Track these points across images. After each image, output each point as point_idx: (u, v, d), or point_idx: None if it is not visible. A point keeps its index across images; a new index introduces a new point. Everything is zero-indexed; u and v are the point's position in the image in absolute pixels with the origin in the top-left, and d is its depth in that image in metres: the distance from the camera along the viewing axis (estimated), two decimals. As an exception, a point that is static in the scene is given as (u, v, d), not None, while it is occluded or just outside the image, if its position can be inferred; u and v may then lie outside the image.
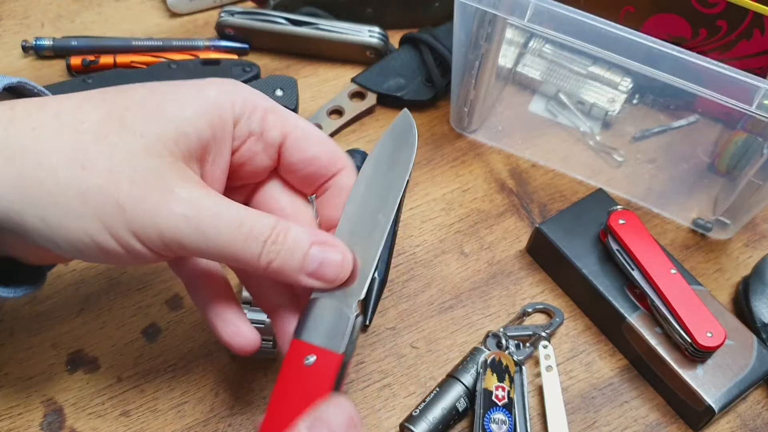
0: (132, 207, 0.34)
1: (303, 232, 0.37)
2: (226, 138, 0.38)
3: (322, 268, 0.37)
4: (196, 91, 0.37)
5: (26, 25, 0.67)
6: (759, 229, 0.61)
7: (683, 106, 0.61)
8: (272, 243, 0.36)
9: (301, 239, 0.36)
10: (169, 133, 0.35)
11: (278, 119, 0.39)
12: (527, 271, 0.56)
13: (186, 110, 0.36)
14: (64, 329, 0.51)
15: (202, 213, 0.35)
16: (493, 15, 0.53)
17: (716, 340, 0.48)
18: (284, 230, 0.36)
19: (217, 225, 0.35)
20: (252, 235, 0.35)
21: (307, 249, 0.36)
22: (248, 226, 0.35)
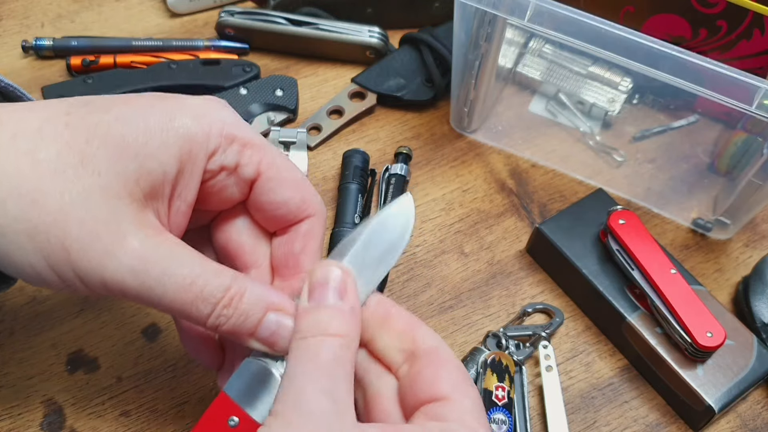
0: (77, 251, 0.33)
1: (259, 296, 0.35)
2: (196, 172, 0.36)
3: (274, 336, 0.35)
4: (169, 119, 0.35)
5: (26, 25, 0.67)
6: (759, 229, 0.61)
7: (683, 106, 0.61)
8: (224, 307, 0.34)
9: (256, 304, 0.35)
10: (130, 171, 0.34)
11: (255, 155, 0.37)
12: (527, 271, 0.56)
13: (152, 144, 0.34)
14: (64, 329, 0.51)
15: (151, 268, 0.33)
16: (493, 15, 0.53)
17: (716, 340, 0.48)
18: (239, 294, 0.34)
19: (165, 283, 0.33)
20: (202, 296, 0.34)
21: (261, 316, 0.35)
22: (199, 286, 0.34)
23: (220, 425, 0.34)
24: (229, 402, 0.35)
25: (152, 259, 0.33)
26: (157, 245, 0.34)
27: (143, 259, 0.33)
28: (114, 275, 0.33)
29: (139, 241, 0.33)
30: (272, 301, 0.35)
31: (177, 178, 0.35)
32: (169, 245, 0.34)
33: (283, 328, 0.35)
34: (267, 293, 0.35)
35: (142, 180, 0.34)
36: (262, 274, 0.40)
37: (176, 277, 0.33)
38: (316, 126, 0.62)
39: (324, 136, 0.62)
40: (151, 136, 0.34)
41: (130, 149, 0.34)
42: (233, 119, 0.38)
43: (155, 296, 0.33)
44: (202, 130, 0.36)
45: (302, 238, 0.39)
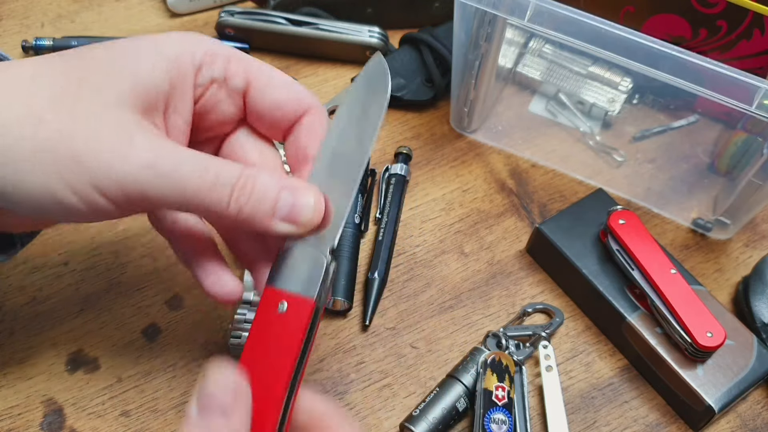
0: (91, 159, 0.33)
1: (271, 177, 0.36)
2: (187, 88, 0.38)
3: (295, 211, 0.35)
4: (154, 44, 0.37)
5: (26, 25, 0.67)
6: (759, 229, 0.61)
7: (683, 106, 0.61)
8: (241, 188, 0.35)
9: (269, 185, 0.35)
10: (126, 87, 0.35)
11: (241, 66, 0.39)
12: (527, 271, 0.56)
13: (143, 64, 0.36)
14: (64, 329, 0.51)
15: (165, 160, 0.34)
16: (493, 15, 0.53)
17: (716, 340, 0.48)
18: (252, 177, 0.35)
19: (181, 172, 0.34)
20: (219, 182, 0.34)
21: (276, 194, 0.35)
22: (214, 172, 0.34)
23: (271, 317, 0.35)
24: (273, 292, 0.35)
25: (165, 153, 0.34)
26: (166, 144, 0.35)
27: (156, 154, 0.34)
28: (129, 175, 0.33)
29: (147, 140, 0.34)
30: (284, 181, 0.36)
31: (170, 93, 0.37)
32: (175, 144, 0.35)
33: (299, 200, 0.35)
34: (278, 176, 0.36)
35: (139, 95, 0.35)
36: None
37: (191, 166, 0.34)
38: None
39: (324, 136, 0.62)
40: (141, 59, 0.36)
41: (123, 71, 0.35)
42: (215, 41, 0.39)
43: (176, 189, 0.34)
44: (187, 49, 0.38)
45: (306, 133, 0.40)
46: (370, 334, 0.52)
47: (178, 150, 0.35)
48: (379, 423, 0.49)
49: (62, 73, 0.35)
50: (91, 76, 0.35)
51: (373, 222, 0.58)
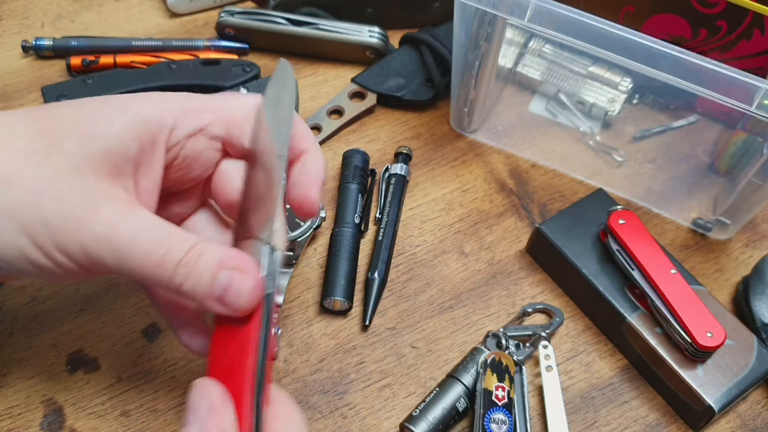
0: (57, 224, 0.35)
1: (215, 256, 0.36)
2: (157, 151, 0.38)
3: (228, 295, 0.35)
4: (122, 107, 0.38)
5: (26, 25, 0.67)
6: (759, 229, 0.61)
7: (683, 106, 0.61)
8: (183, 266, 0.35)
9: (210, 264, 0.36)
10: (94, 151, 0.36)
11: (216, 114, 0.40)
12: (527, 271, 0.56)
13: (111, 127, 0.37)
14: (64, 329, 0.51)
15: (120, 235, 0.35)
16: (493, 15, 0.53)
17: (716, 340, 0.48)
18: (198, 253, 0.36)
19: (132, 248, 0.35)
20: (166, 259, 0.35)
21: (214, 274, 0.36)
22: (164, 249, 0.35)
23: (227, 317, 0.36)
24: None
25: (121, 227, 0.35)
26: (126, 214, 0.36)
27: (113, 227, 0.35)
28: (89, 244, 0.35)
29: (109, 210, 0.35)
30: (226, 259, 0.36)
31: (139, 157, 0.37)
32: (137, 214, 0.36)
33: (234, 283, 0.35)
34: (224, 252, 0.36)
35: (107, 159, 0.36)
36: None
37: (142, 242, 0.35)
38: (316, 126, 0.62)
39: (324, 136, 0.62)
40: (111, 121, 0.37)
41: (93, 134, 0.36)
42: (186, 97, 0.40)
43: (126, 262, 0.35)
44: (157, 110, 0.38)
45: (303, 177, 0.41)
46: (370, 334, 0.52)
47: (137, 223, 0.36)
48: (379, 423, 0.49)
49: (34, 133, 0.36)
50: (60, 138, 0.36)
51: (373, 222, 0.58)
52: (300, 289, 0.54)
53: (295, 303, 0.53)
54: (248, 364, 0.34)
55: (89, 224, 0.35)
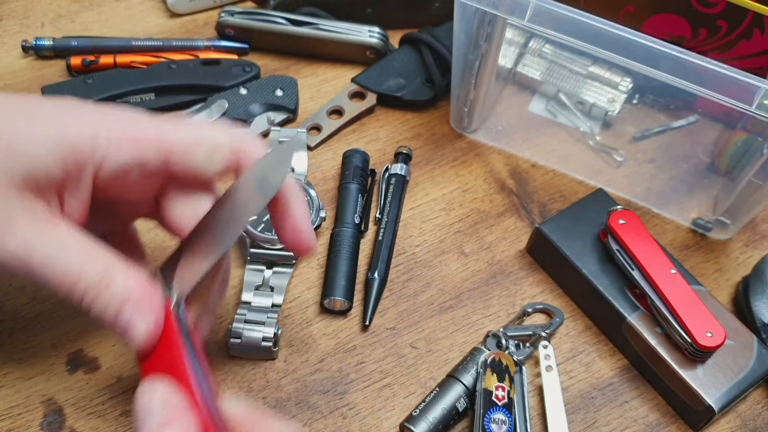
0: None
1: (122, 288, 0.36)
2: (84, 177, 0.38)
3: (128, 331, 0.36)
4: (52, 127, 0.37)
5: (26, 25, 0.67)
6: (759, 229, 0.61)
7: (683, 106, 0.61)
8: (92, 295, 0.36)
9: (116, 297, 0.36)
10: (17, 170, 0.36)
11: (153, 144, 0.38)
12: (527, 271, 0.56)
13: (37, 149, 0.36)
14: (65, 329, 0.51)
15: (34, 255, 0.35)
16: (493, 15, 0.53)
17: (716, 340, 0.48)
18: (107, 283, 0.36)
19: (45, 270, 0.36)
20: (76, 286, 0.36)
21: (119, 309, 0.36)
22: (75, 275, 0.36)
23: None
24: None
25: (37, 247, 0.36)
26: (43, 234, 0.36)
27: (28, 246, 0.35)
28: (5, 259, 0.35)
29: (26, 229, 0.36)
30: (131, 295, 0.36)
31: (64, 181, 0.37)
32: (55, 234, 0.36)
33: (134, 323, 0.36)
34: (131, 286, 0.36)
35: (29, 180, 0.36)
36: None
37: (56, 266, 0.36)
38: (316, 126, 0.62)
39: (324, 136, 0.62)
40: (38, 143, 0.36)
41: (17, 154, 0.36)
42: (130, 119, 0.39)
43: (40, 281, 0.36)
44: (89, 136, 0.37)
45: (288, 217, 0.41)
46: (370, 334, 0.52)
47: (53, 244, 0.36)
48: (379, 423, 0.49)
49: None
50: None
51: (373, 222, 0.58)
52: (300, 289, 0.54)
53: (295, 303, 0.53)
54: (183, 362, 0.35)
55: (4, 242, 0.35)
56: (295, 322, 0.52)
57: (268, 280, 0.52)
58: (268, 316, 0.50)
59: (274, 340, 0.49)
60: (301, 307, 0.53)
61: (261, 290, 0.52)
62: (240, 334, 0.49)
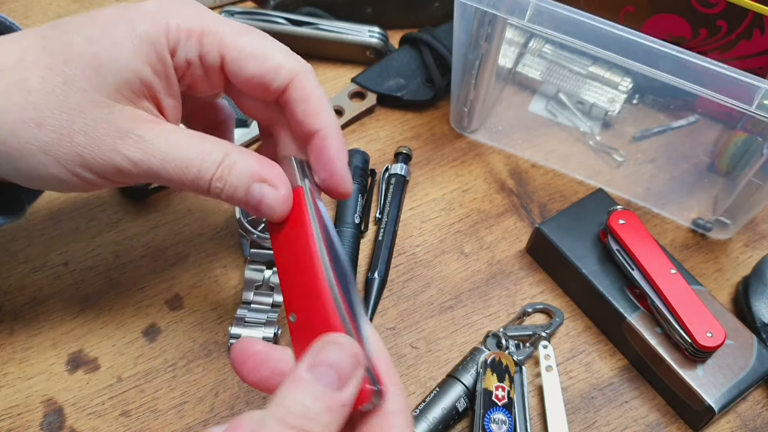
0: (91, 156, 0.37)
1: (246, 168, 0.38)
2: (169, 71, 0.39)
3: (260, 204, 0.39)
4: (131, 29, 0.38)
5: (26, 25, 0.67)
6: (759, 229, 0.61)
7: (683, 106, 0.61)
8: (217, 180, 0.38)
9: (243, 177, 0.38)
10: (110, 84, 0.37)
11: (214, 41, 0.39)
12: (527, 271, 0.56)
13: (122, 57, 0.37)
14: (64, 329, 0.51)
15: (151, 158, 0.38)
16: (493, 15, 0.53)
17: (716, 340, 0.48)
18: (229, 167, 0.38)
19: (166, 168, 0.38)
20: (199, 176, 0.38)
21: (248, 186, 0.38)
22: (196, 166, 0.38)
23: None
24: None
25: (151, 151, 0.38)
26: (154, 137, 0.38)
27: (144, 152, 0.38)
28: (123, 166, 0.38)
29: (137, 135, 0.38)
30: (257, 173, 0.38)
31: (154, 79, 0.39)
32: (165, 135, 0.38)
33: (266, 196, 0.38)
34: (254, 166, 0.39)
35: (123, 89, 0.38)
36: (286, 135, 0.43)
37: (175, 162, 0.38)
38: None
39: (324, 136, 0.62)
40: (120, 50, 0.38)
41: (104, 66, 0.37)
42: (190, 12, 0.40)
43: (164, 179, 0.38)
44: (161, 28, 0.38)
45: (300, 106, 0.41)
46: (370, 334, 0.52)
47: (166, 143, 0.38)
48: (379, 423, 0.49)
49: (48, 67, 0.37)
50: (74, 73, 0.37)
51: (373, 222, 0.58)
52: (300, 289, 0.54)
53: (295, 303, 0.53)
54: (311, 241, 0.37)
55: (121, 151, 0.37)
56: (295, 322, 0.52)
57: (268, 279, 0.52)
58: (268, 316, 0.50)
59: (275, 340, 0.49)
60: (302, 306, 0.53)
61: (261, 290, 0.52)
62: (240, 335, 0.49)
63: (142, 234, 0.55)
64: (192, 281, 0.53)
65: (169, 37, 0.38)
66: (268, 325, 0.50)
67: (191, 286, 0.53)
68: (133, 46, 0.38)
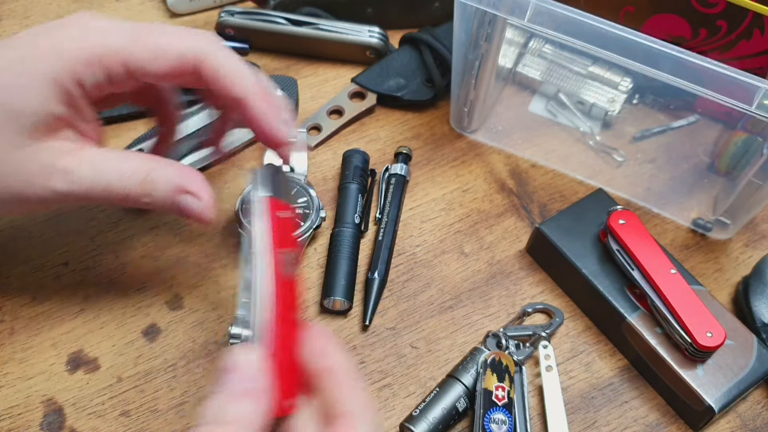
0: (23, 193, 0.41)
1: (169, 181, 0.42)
2: (79, 101, 0.42)
3: (188, 214, 0.43)
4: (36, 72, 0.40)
5: (26, 25, 0.67)
6: (759, 229, 0.61)
7: (683, 106, 0.61)
8: (144, 196, 0.42)
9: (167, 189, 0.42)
10: (27, 126, 0.40)
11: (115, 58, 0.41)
12: (527, 271, 0.56)
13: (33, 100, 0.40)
14: (64, 329, 0.51)
15: (80, 187, 0.41)
16: (493, 15, 0.53)
17: (716, 340, 0.48)
18: (152, 183, 0.42)
19: (94, 191, 0.42)
20: (125, 195, 0.42)
21: (173, 198, 0.43)
22: (120, 188, 0.42)
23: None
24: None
25: (78, 180, 0.41)
26: (78, 167, 0.41)
27: (72, 182, 0.41)
28: (55, 198, 0.42)
29: (63, 169, 0.41)
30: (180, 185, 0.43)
31: (67, 111, 0.42)
32: (88, 162, 0.42)
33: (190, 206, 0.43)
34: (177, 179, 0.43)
35: (41, 128, 0.41)
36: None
37: (100, 186, 0.42)
38: (316, 126, 0.62)
39: (324, 136, 0.62)
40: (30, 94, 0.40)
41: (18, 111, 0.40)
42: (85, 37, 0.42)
43: (94, 200, 0.43)
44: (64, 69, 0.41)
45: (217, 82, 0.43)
46: (370, 334, 0.52)
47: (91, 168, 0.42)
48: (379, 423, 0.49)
49: None
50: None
51: (373, 222, 0.58)
52: (300, 289, 0.54)
53: (295, 303, 0.53)
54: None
55: (50, 186, 0.41)
56: (295, 322, 0.52)
57: (268, 280, 0.52)
58: None
59: (274, 340, 0.49)
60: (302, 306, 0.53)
61: (261, 290, 0.52)
62: (240, 335, 0.49)
63: (142, 234, 0.55)
64: (192, 281, 0.53)
65: (74, 72, 0.41)
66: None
67: (191, 286, 0.53)
68: (41, 88, 0.40)
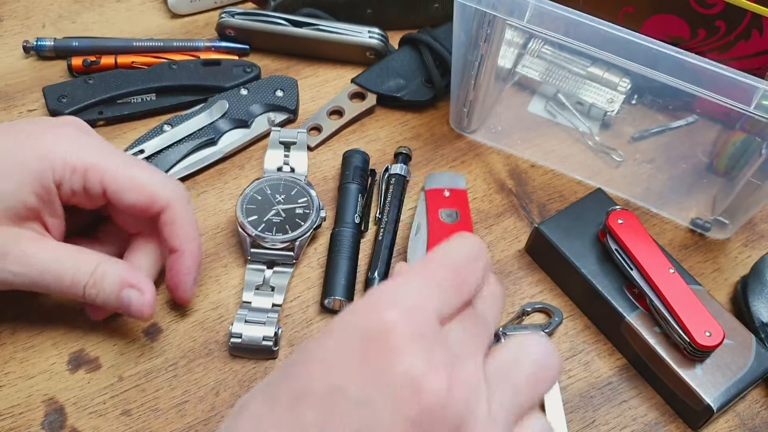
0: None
1: (116, 275, 0.46)
2: (53, 198, 0.46)
3: (131, 308, 0.46)
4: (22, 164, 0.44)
5: (27, 25, 0.67)
6: (757, 228, 0.61)
7: (682, 106, 0.61)
8: (91, 288, 0.46)
9: (113, 283, 0.46)
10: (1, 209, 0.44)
11: (97, 175, 0.46)
12: (526, 271, 0.57)
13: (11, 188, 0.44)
14: (66, 329, 0.51)
15: (32, 270, 0.45)
16: (493, 16, 0.53)
17: (715, 340, 0.48)
18: (101, 276, 0.46)
19: (44, 278, 0.45)
20: (73, 284, 0.45)
21: (118, 292, 0.46)
22: (69, 277, 0.45)
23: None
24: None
25: (32, 264, 0.45)
26: (34, 253, 0.45)
27: (26, 265, 0.45)
28: (7, 279, 0.45)
29: (20, 252, 0.44)
30: (126, 279, 0.46)
31: (40, 204, 0.45)
32: (45, 250, 0.45)
33: (133, 300, 0.46)
34: (123, 273, 0.46)
35: (11, 213, 0.44)
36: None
37: (51, 273, 0.45)
38: (317, 126, 0.62)
39: (324, 137, 0.62)
40: (10, 182, 0.44)
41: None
42: (80, 149, 0.46)
43: (43, 288, 0.46)
44: (48, 168, 0.45)
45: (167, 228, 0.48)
46: (370, 334, 0.52)
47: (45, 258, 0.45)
48: (379, 422, 0.49)
49: None
50: None
51: (373, 222, 0.58)
52: (300, 289, 0.54)
53: (295, 302, 0.53)
54: None
55: (6, 267, 0.44)
56: (295, 322, 0.52)
57: (268, 279, 0.52)
58: (268, 316, 0.50)
59: (275, 340, 0.50)
60: (302, 306, 0.53)
61: (261, 290, 0.52)
62: (240, 334, 0.49)
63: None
64: (193, 281, 0.53)
65: (55, 173, 0.45)
66: (268, 325, 0.50)
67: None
68: (23, 179, 0.44)
